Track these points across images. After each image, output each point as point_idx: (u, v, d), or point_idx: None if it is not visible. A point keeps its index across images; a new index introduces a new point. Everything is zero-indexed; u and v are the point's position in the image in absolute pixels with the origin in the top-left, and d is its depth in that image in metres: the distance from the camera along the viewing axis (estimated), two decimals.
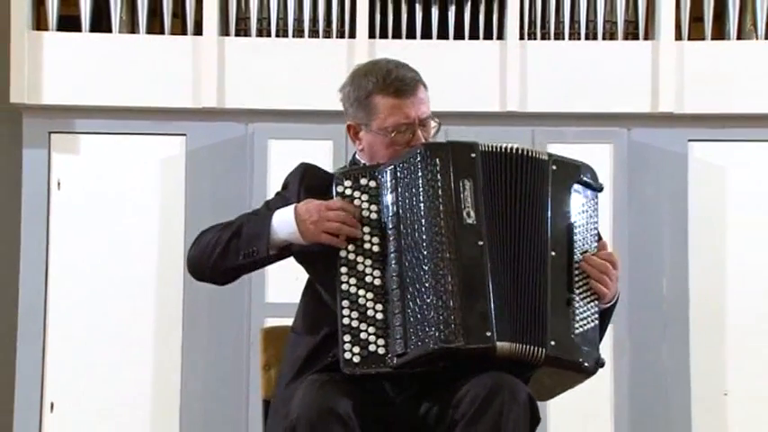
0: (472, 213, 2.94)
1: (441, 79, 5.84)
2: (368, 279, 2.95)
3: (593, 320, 2.99)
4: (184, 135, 6.07)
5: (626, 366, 5.87)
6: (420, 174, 2.97)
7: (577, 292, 2.99)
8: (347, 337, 2.89)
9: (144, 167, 6.08)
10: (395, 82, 3.11)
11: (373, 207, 3.00)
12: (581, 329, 2.96)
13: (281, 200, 3.15)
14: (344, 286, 2.94)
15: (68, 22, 6.01)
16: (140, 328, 6.02)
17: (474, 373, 2.88)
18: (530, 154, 3.04)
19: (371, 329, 2.91)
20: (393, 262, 2.95)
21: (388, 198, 3.00)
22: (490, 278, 2.92)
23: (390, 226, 2.98)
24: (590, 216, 3.07)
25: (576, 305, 2.98)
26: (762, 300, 6.07)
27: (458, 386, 2.89)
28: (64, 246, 6.04)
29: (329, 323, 2.97)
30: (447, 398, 2.91)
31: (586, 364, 2.94)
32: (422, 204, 2.96)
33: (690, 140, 6.09)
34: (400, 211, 2.98)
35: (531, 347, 2.91)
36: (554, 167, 3.03)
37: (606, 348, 5.85)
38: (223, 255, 3.07)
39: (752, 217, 6.12)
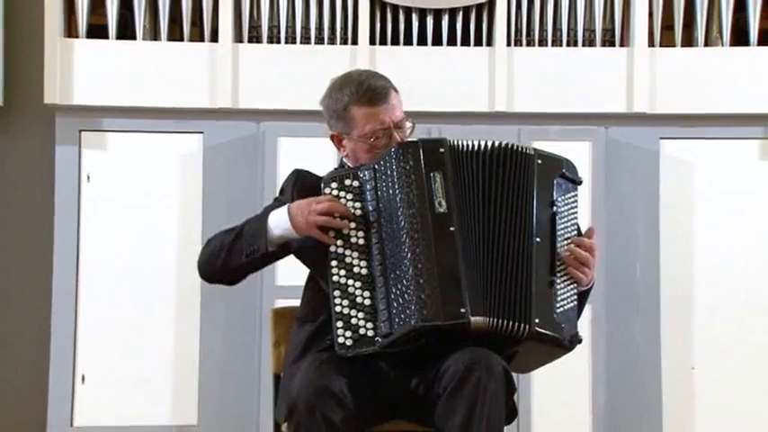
0: (443, 203, 2.95)
1: (435, 82, 6.09)
2: (355, 270, 2.97)
3: (572, 301, 3.01)
4: (202, 133, 6.09)
5: (602, 343, 5.88)
6: (395, 170, 3.00)
7: (559, 275, 3.00)
8: (339, 323, 2.93)
9: (165, 162, 6.09)
10: (367, 92, 3.13)
11: (357, 204, 3.02)
12: (561, 309, 2.98)
13: (279, 204, 3.18)
14: (335, 277, 2.97)
15: (97, 31, 6.02)
16: (162, 308, 6.05)
17: (459, 347, 2.90)
18: (516, 149, 3.05)
19: (361, 315, 2.94)
20: (376, 252, 2.97)
21: (370, 195, 3.03)
22: (462, 261, 2.93)
23: (372, 220, 3.01)
24: (571, 207, 3.09)
25: (558, 287, 2.99)
26: (726, 284, 6.08)
27: (439, 362, 2.92)
28: (93, 233, 6.05)
29: (326, 310, 3.00)
30: (430, 373, 2.94)
31: (566, 340, 2.96)
32: (398, 197, 2.99)
33: (661, 138, 6.11)
34: (380, 205, 3.01)
35: (517, 323, 2.91)
36: (539, 161, 3.04)
37: (585, 326, 5.70)
38: (228, 256, 3.13)
39: (717, 208, 6.12)
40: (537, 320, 2.90)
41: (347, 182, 3.03)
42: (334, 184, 3.02)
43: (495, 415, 2.84)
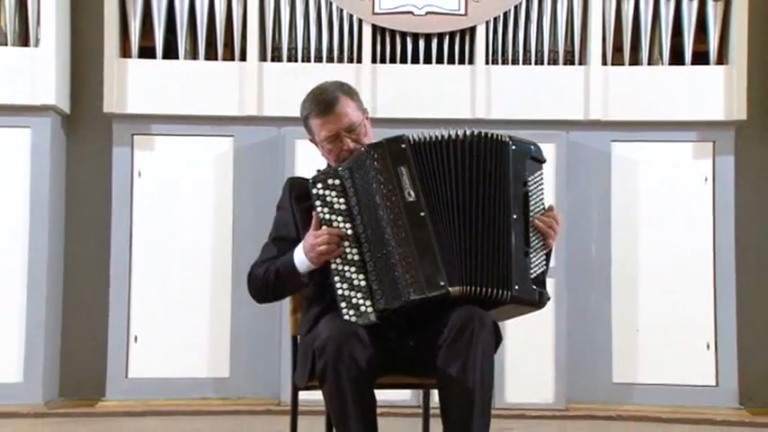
0: (412, 192, 2.90)
1: (426, 94, 6.09)
2: (349, 257, 2.92)
3: (542, 266, 2.99)
4: (232, 136, 6.18)
5: (564, 309, 5.98)
6: (368, 167, 2.94)
7: (532, 245, 2.97)
8: (343, 304, 2.89)
9: (202, 161, 6.18)
10: (319, 105, 3.08)
11: (341, 200, 2.96)
12: (535, 274, 2.95)
13: (284, 212, 3.19)
14: (334, 266, 2.93)
15: (146, 52, 6.14)
16: (200, 281, 6.12)
17: (452, 308, 2.87)
18: (492, 136, 2.98)
19: (359, 295, 2.89)
20: (363, 240, 2.93)
21: (351, 191, 2.96)
22: (437, 241, 2.88)
23: (356, 213, 2.95)
24: (539, 184, 3.04)
25: (532, 256, 2.96)
26: (664, 261, 6.14)
27: (438, 321, 2.88)
28: (143, 219, 6.15)
29: (331, 292, 2.95)
30: (431, 331, 2.90)
31: (540, 301, 2.95)
32: (374, 191, 2.93)
33: (612, 141, 6.18)
34: (361, 199, 2.95)
35: (499, 290, 2.88)
36: (514, 147, 2.98)
37: (550, 295, 6.11)
38: (277, 292, 3.12)
39: (658, 199, 6.18)
40: (517, 287, 2.88)
41: (329, 181, 2.97)
42: (319, 185, 2.97)
43: (487, 361, 2.84)
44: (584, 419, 5.87)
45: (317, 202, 2.96)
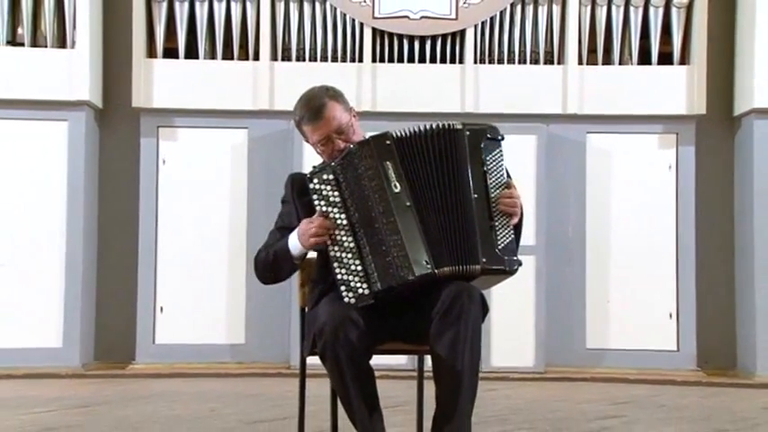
0: (398, 185, 2.89)
1: (420, 90, 6.10)
2: (345, 244, 2.90)
3: (509, 236, 2.93)
4: (247, 128, 6.20)
5: (543, 283, 6.03)
6: (357, 164, 2.92)
7: (495, 219, 2.91)
8: (342, 288, 2.87)
9: (220, 150, 6.22)
10: (308, 112, 3.03)
11: (336, 193, 2.93)
12: (502, 244, 2.90)
13: (287, 206, 3.15)
14: (332, 252, 2.91)
15: (170, 52, 6.18)
16: (218, 258, 6.16)
17: (439, 285, 2.85)
18: (445, 127, 2.94)
19: (357, 278, 2.87)
20: (357, 228, 2.90)
21: (344, 185, 2.93)
22: (421, 227, 2.87)
23: (349, 204, 2.91)
24: (498, 161, 2.97)
25: (497, 229, 2.91)
26: (633, 240, 6.19)
27: (430, 297, 2.86)
28: (167, 202, 6.19)
29: (332, 274, 2.92)
30: (424, 306, 2.89)
31: (508, 268, 2.89)
32: (364, 185, 2.91)
33: (588, 133, 6.22)
34: (354, 192, 2.92)
35: (470, 266, 2.88)
36: (467, 133, 2.93)
37: (529, 273, 5.90)
38: (275, 273, 3.08)
39: (628, 184, 6.23)
40: (484, 260, 2.86)
41: (324, 176, 2.94)
42: (315, 179, 2.94)
43: (476, 331, 2.83)
44: (560, 381, 5.91)
45: (314, 196, 2.94)
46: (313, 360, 2.96)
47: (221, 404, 4.87)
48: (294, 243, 2.99)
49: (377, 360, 2.90)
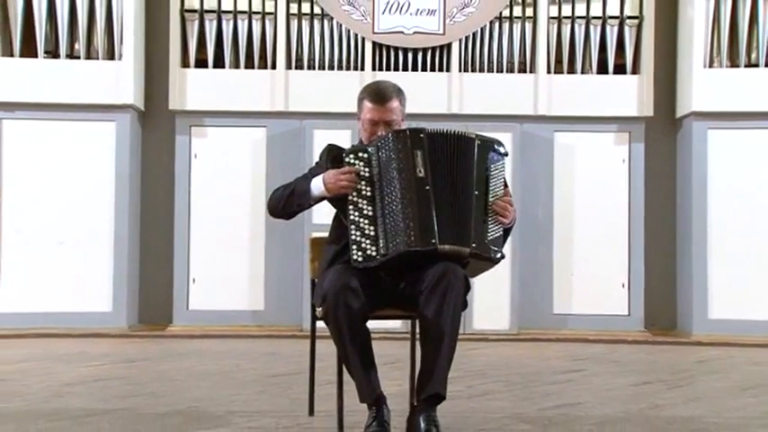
0: (422, 170, 2.87)
1: (413, 94, 5.35)
2: (365, 212, 2.87)
3: (498, 232, 2.95)
4: (265, 127, 6.19)
5: (517, 259, 6.04)
6: (392, 148, 2.90)
7: (489, 216, 2.93)
8: (354, 247, 2.84)
9: (241, 145, 6.19)
10: (374, 94, 3.01)
11: (367, 169, 2.91)
12: (491, 237, 2.92)
13: (318, 168, 3.06)
14: (351, 216, 2.88)
15: (201, 62, 6.19)
16: (241, 237, 6.12)
17: (432, 262, 2.84)
18: (464, 134, 2.95)
19: (368, 241, 2.84)
20: (378, 200, 2.87)
21: (375, 163, 2.91)
22: (434, 207, 2.84)
23: (376, 180, 2.89)
24: (500, 171, 2.99)
25: (489, 225, 2.92)
26: (593, 222, 6.21)
27: (422, 272, 2.85)
28: (199, 189, 6.19)
29: (346, 236, 2.90)
30: (416, 279, 2.87)
31: (492, 256, 2.92)
32: (393, 166, 2.89)
33: (555, 131, 6.24)
34: (382, 171, 2.90)
35: (462, 247, 2.86)
36: (478, 143, 2.96)
37: (506, 249, 5.41)
38: (286, 205, 3.03)
39: (589, 176, 6.25)
40: (474, 245, 2.87)
41: (360, 154, 2.92)
42: (351, 155, 2.93)
43: (458, 304, 2.81)
44: (531, 341, 5.92)
45: (347, 168, 2.92)
46: (322, 324, 2.93)
47: (244, 360, 4.85)
48: (317, 185, 2.94)
49: (375, 324, 2.89)
